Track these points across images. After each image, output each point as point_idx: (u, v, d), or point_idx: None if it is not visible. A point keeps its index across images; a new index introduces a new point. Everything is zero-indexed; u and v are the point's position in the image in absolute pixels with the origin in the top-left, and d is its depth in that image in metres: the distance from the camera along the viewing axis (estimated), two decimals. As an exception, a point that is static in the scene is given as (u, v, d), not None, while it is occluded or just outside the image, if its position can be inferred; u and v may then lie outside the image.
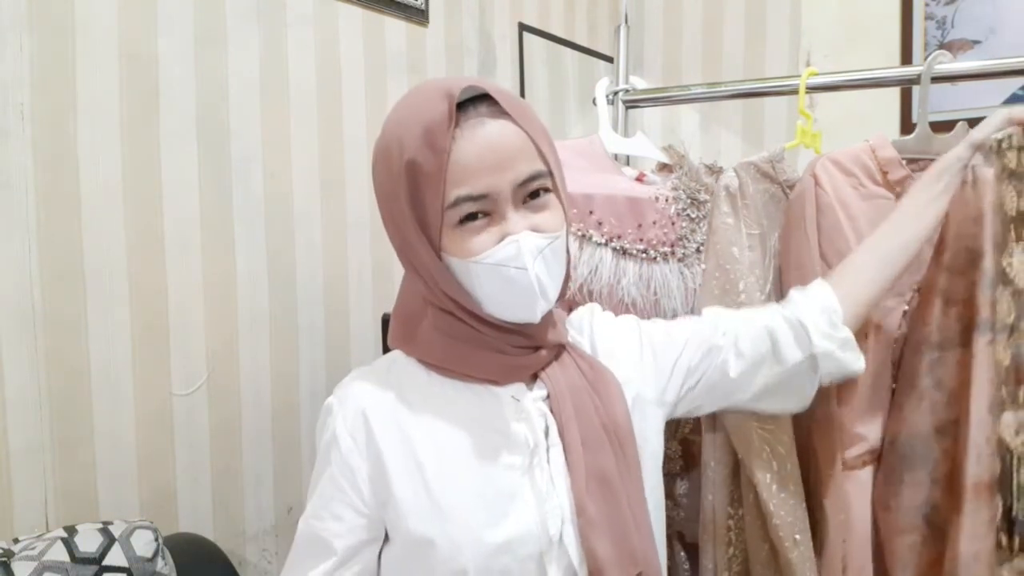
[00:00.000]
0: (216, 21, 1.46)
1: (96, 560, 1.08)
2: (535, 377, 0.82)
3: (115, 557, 1.09)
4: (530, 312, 0.77)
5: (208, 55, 1.44)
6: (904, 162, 1.11)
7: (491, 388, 0.81)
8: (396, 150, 0.75)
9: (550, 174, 0.77)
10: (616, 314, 0.97)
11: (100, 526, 1.13)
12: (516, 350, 0.81)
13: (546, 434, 0.79)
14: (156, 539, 1.15)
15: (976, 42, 2.04)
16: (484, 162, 0.73)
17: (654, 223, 1.15)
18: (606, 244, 1.13)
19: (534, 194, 0.76)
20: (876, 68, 1.20)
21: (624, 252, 1.13)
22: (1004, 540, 0.86)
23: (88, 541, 1.09)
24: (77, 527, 1.12)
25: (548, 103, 2.40)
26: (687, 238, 1.15)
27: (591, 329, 0.92)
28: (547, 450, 0.79)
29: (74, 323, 1.26)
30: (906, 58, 2.12)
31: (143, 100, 1.34)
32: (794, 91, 1.16)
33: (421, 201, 0.75)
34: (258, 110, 1.53)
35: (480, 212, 0.75)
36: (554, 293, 0.79)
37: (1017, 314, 0.84)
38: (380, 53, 1.82)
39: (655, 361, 0.90)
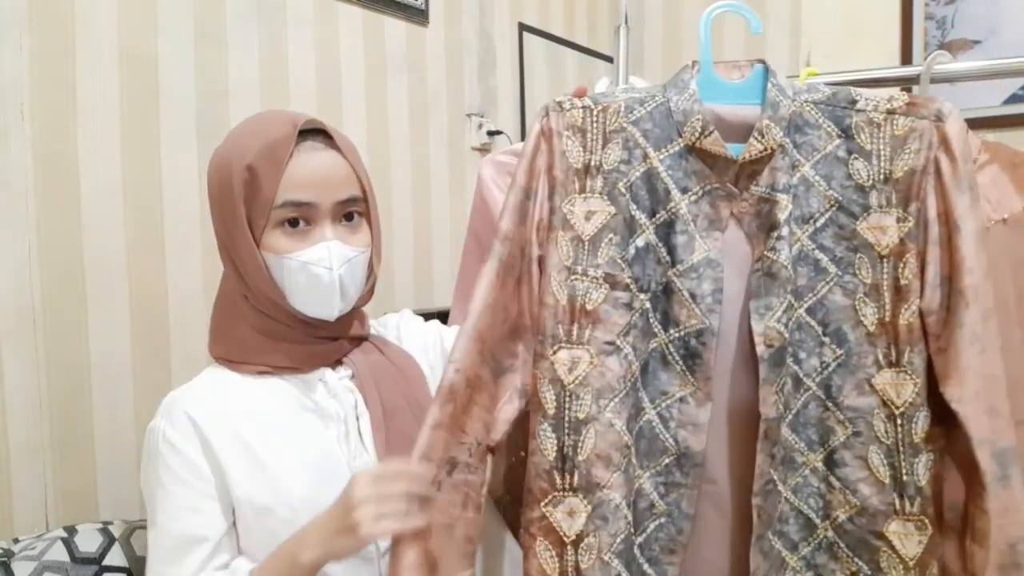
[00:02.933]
0: (216, 21, 1.46)
1: (96, 560, 1.08)
2: (339, 362, 0.95)
3: (115, 557, 1.09)
4: (328, 309, 0.90)
5: (208, 55, 1.44)
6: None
7: (299, 375, 0.93)
8: (238, 155, 0.87)
9: (365, 201, 0.92)
10: None
11: (100, 526, 1.13)
12: (317, 340, 0.93)
13: (356, 406, 0.93)
14: (156, 539, 1.15)
15: (976, 42, 2.04)
16: (313, 178, 0.87)
17: (654, 223, 1.15)
18: (606, 244, 1.13)
19: (349, 216, 0.91)
20: (876, 68, 1.20)
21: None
22: None
23: (88, 541, 1.09)
24: (77, 527, 1.12)
25: (548, 103, 2.40)
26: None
27: (398, 329, 1.07)
28: (356, 419, 0.93)
29: (74, 323, 1.26)
30: (906, 58, 2.12)
31: (143, 100, 1.34)
32: (794, 91, 1.16)
33: (253, 199, 0.86)
34: (258, 110, 1.52)
35: (301, 219, 0.87)
36: (353, 297, 0.92)
37: (575, 258, 0.88)
38: (380, 53, 1.82)
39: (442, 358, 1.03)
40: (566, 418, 0.86)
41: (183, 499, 0.85)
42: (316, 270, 0.87)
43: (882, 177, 0.85)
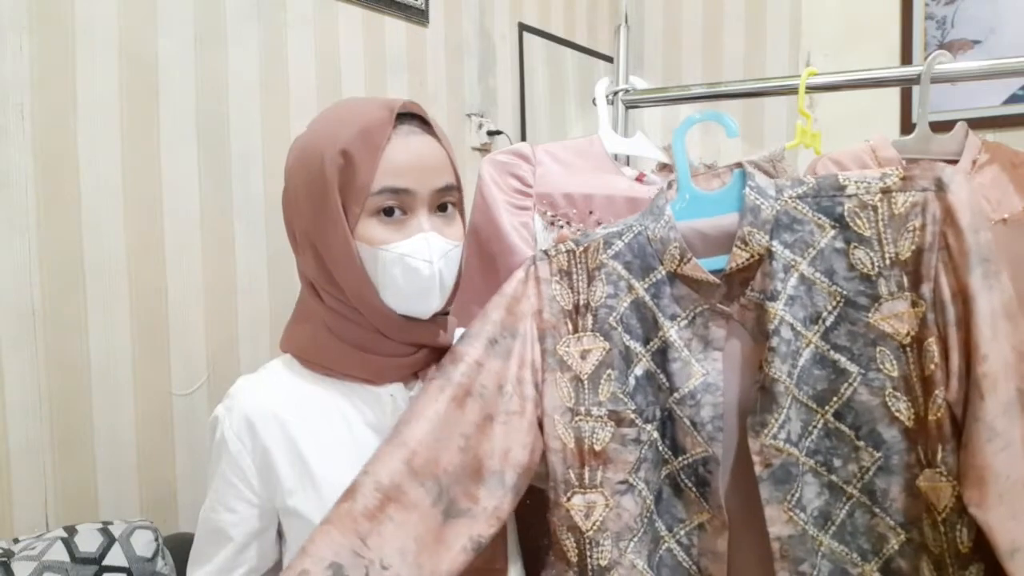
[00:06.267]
0: (216, 21, 1.46)
1: (96, 560, 1.08)
2: (416, 375, 0.90)
3: (115, 557, 1.09)
4: (425, 304, 0.85)
5: (208, 55, 1.44)
6: (904, 162, 1.11)
7: (370, 388, 0.88)
8: (329, 141, 0.82)
9: (459, 191, 0.88)
10: None
11: (100, 526, 1.13)
12: (399, 347, 0.87)
13: None
14: (156, 539, 1.15)
15: (976, 42, 2.05)
16: (411, 164, 0.83)
17: (654, 223, 1.15)
18: (606, 244, 1.13)
19: (443, 207, 0.86)
20: (876, 68, 1.20)
21: (624, 252, 1.13)
22: None
23: (88, 541, 1.09)
24: (77, 527, 1.12)
25: (548, 103, 2.40)
26: (687, 238, 1.16)
27: None
28: None
29: (74, 323, 1.26)
30: (906, 58, 2.12)
31: (143, 100, 1.34)
32: (794, 91, 1.16)
33: (349, 186, 0.82)
34: (258, 110, 1.53)
35: (397, 207, 0.83)
36: (448, 292, 0.87)
37: (577, 398, 0.87)
38: (380, 53, 1.82)
39: None
40: (589, 566, 0.84)
41: (223, 495, 0.86)
42: (414, 263, 0.82)
43: (888, 262, 0.81)
